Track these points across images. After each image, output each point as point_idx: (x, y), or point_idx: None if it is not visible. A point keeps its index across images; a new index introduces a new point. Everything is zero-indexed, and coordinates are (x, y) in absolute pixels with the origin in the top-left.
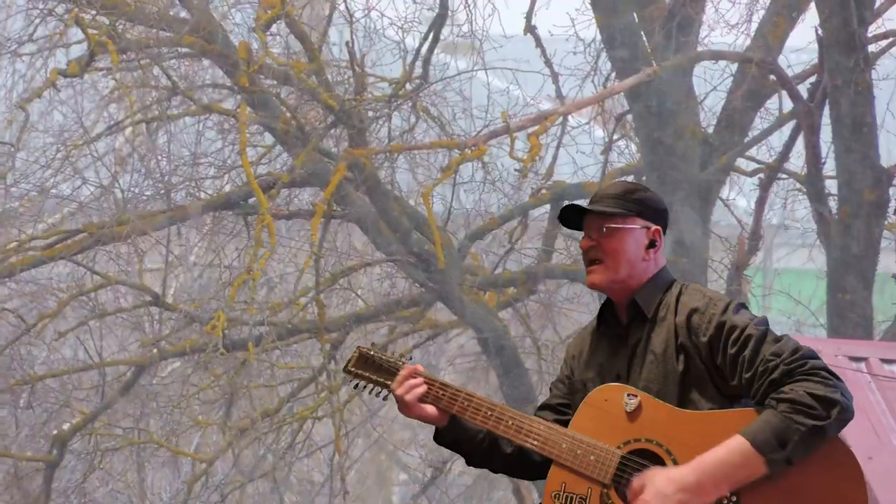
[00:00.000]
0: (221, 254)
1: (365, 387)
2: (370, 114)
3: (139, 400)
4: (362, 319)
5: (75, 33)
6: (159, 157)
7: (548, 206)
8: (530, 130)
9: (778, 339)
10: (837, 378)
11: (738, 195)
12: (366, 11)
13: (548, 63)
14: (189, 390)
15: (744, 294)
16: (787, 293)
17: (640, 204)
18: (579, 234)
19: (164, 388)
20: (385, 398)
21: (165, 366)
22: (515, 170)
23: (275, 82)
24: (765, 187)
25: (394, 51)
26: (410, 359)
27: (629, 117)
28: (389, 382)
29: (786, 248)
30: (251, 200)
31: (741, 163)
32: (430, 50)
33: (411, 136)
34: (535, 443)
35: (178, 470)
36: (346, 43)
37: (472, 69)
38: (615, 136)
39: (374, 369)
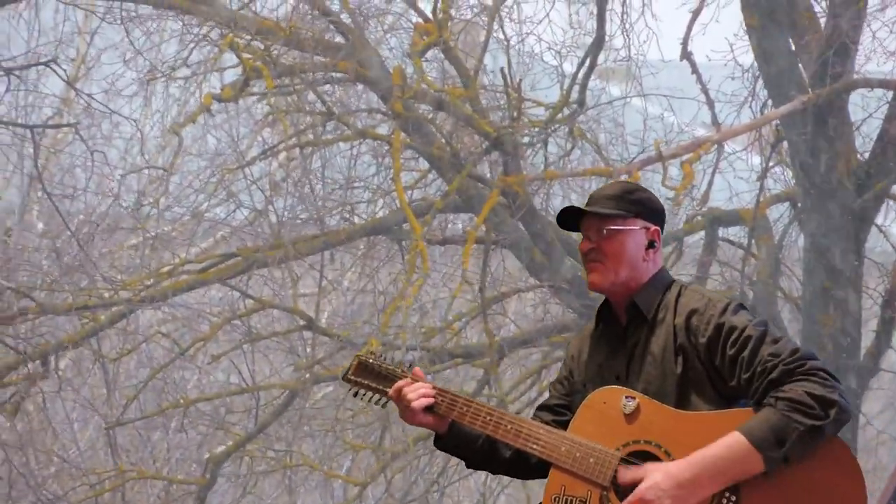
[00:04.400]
0: (374, 279)
1: (364, 395)
2: (525, 139)
3: (292, 424)
4: (515, 344)
5: (229, 58)
6: (313, 182)
7: (702, 233)
8: (684, 158)
9: (777, 340)
10: (836, 380)
11: (894, 222)
12: (521, 37)
13: (704, 90)
14: (343, 414)
15: None
16: None
17: (639, 205)
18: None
19: (317, 412)
20: (384, 405)
21: (319, 390)
22: (668, 199)
23: (430, 108)
24: None
25: (551, 75)
26: (410, 366)
27: (784, 144)
28: (388, 390)
29: None
30: (405, 226)
31: None
32: (587, 75)
33: (566, 162)
34: (535, 447)
35: (329, 494)
36: (502, 69)
37: (628, 95)
38: (771, 163)
39: (373, 377)
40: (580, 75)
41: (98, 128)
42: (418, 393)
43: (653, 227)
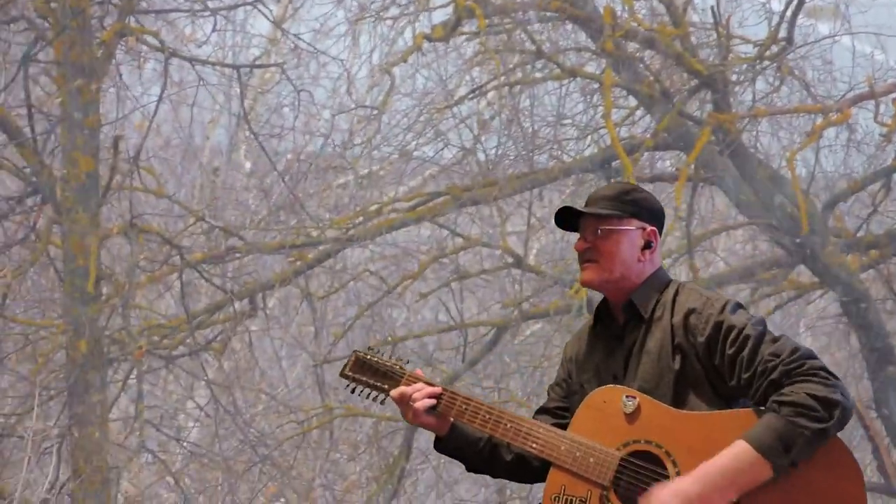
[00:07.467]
0: None
1: (362, 391)
2: (734, 77)
3: (500, 361)
4: (724, 281)
5: None
6: (522, 120)
7: None
8: (894, 95)
9: (776, 339)
10: (836, 378)
11: None
12: None
13: None
14: (550, 350)
15: None
16: None
17: (635, 205)
18: None
19: (525, 349)
20: (382, 402)
21: (526, 327)
22: (880, 135)
23: (639, 46)
24: None
25: (759, 12)
26: (408, 363)
27: None
28: (386, 386)
29: None
30: (614, 164)
31: None
32: (795, 13)
33: (775, 99)
34: (535, 445)
35: None
36: (711, 6)
37: (837, 33)
38: None
39: (371, 373)
40: (788, 13)
41: (305, 68)
42: (423, 393)
43: (649, 228)
